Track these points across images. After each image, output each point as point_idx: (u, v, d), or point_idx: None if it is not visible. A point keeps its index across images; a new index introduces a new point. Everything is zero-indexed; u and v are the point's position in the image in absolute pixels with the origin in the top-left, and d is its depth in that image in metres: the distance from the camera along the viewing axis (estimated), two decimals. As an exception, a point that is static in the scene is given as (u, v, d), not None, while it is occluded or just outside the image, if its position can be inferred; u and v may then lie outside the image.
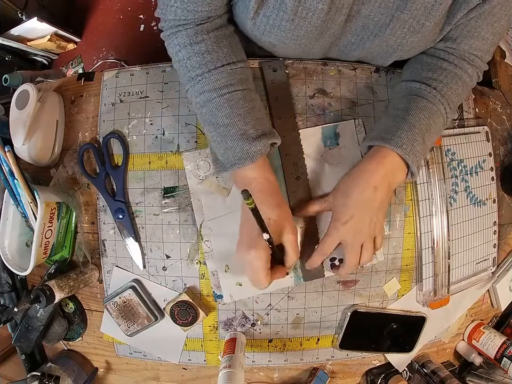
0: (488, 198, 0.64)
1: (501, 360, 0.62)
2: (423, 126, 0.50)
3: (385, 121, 0.53)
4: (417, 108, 0.50)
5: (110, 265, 0.61)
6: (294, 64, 0.60)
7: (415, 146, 0.49)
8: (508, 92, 0.69)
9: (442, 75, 0.52)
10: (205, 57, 0.48)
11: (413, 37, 0.49)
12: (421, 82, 0.52)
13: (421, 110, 0.50)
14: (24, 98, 0.57)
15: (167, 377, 0.64)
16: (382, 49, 0.53)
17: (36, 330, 0.60)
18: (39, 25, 1.39)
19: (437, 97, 0.51)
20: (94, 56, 1.62)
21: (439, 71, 0.52)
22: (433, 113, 0.51)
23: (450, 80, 0.52)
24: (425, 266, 0.60)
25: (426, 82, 0.52)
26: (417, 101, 0.51)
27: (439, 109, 0.51)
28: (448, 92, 0.52)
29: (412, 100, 0.52)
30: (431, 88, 0.51)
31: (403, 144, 0.48)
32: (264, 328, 0.61)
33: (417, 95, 0.52)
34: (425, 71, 0.53)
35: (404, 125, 0.49)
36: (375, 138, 0.51)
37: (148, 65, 0.61)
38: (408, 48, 0.51)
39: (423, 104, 0.51)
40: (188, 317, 0.58)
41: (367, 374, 0.65)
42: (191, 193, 0.58)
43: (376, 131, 0.53)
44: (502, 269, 0.67)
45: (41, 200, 0.53)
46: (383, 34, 0.49)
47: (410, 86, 0.54)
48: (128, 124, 0.60)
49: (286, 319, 0.60)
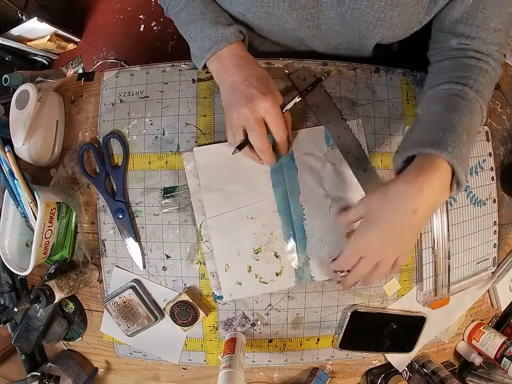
0: (488, 198, 0.64)
1: (501, 360, 0.62)
2: (465, 125, 0.44)
3: (420, 128, 0.48)
4: (454, 107, 0.46)
5: (110, 265, 0.61)
6: (294, 64, 0.60)
7: (461, 148, 0.42)
8: (508, 92, 0.69)
9: (469, 71, 0.49)
10: None
11: (392, 11, 0.49)
12: (450, 82, 0.48)
13: (460, 108, 0.46)
14: (24, 98, 0.57)
15: (167, 377, 0.64)
16: (362, 26, 0.53)
17: (36, 330, 0.60)
18: (39, 25, 1.40)
19: (471, 94, 0.47)
20: (94, 56, 1.62)
21: (464, 68, 0.49)
22: (471, 110, 0.47)
23: (477, 75, 0.49)
24: (425, 266, 0.60)
25: (455, 81, 0.48)
26: (452, 100, 0.47)
27: (475, 106, 0.48)
28: (480, 87, 0.48)
29: (446, 101, 0.47)
30: (463, 85, 0.47)
31: (448, 147, 0.41)
32: (264, 328, 0.61)
33: (451, 95, 0.48)
34: (450, 72, 0.50)
35: (446, 125, 0.44)
36: (411, 146, 0.45)
37: (147, 65, 0.61)
38: (389, 24, 0.51)
39: (459, 102, 0.46)
40: (188, 317, 0.58)
41: (367, 374, 0.65)
42: (191, 193, 0.58)
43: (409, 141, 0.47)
44: (502, 269, 0.67)
45: (41, 200, 0.53)
46: (359, 7, 0.50)
47: (439, 89, 0.49)
48: (128, 124, 0.60)
49: (286, 319, 0.60)
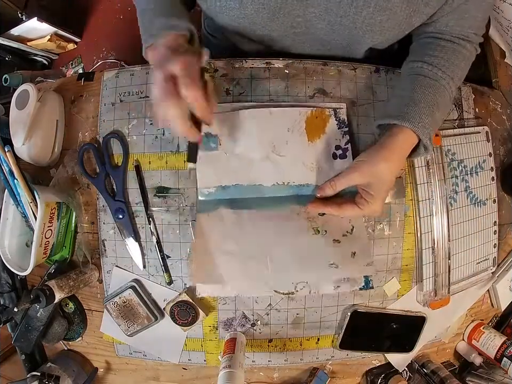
0: (488, 198, 0.64)
1: (501, 360, 0.62)
2: (429, 101, 0.51)
3: (392, 102, 0.55)
4: (421, 86, 0.52)
5: (110, 265, 0.61)
6: (294, 64, 0.60)
7: (423, 119, 0.50)
8: (508, 92, 0.69)
9: (442, 52, 0.54)
10: None
11: (381, 16, 0.49)
12: (422, 61, 0.54)
13: (425, 88, 0.52)
14: (24, 98, 0.57)
15: (167, 377, 0.64)
16: (352, 32, 0.53)
17: (35, 330, 0.60)
18: (39, 25, 1.39)
19: (438, 74, 0.53)
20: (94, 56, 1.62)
21: (438, 48, 0.54)
22: (437, 89, 0.52)
23: (450, 55, 0.54)
24: (425, 266, 0.60)
25: (427, 61, 0.53)
26: (420, 79, 0.53)
27: (442, 85, 0.53)
28: (451, 66, 0.53)
29: (415, 79, 0.53)
30: (432, 66, 0.53)
31: (410, 118, 0.50)
32: (264, 328, 0.61)
33: (419, 74, 0.53)
34: (424, 50, 0.55)
35: (410, 102, 0.51)
36: (384, 117, 0.53)
37: (148, 65, 0.61)
38: (379, 29, 0.51)
39: (426, 82, 0.52)
40: (188, 317, 0.58)
41: (367, 374, 0.65)
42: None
43: (384, 111, 0.55)
44: (502, 269, 0.67)
45: (41, 200, 0.53)
46: (348, 14, 0.50)
47: (412, 66, 0.55)
48: (128, 124, 0.60)
49: (286, 319, 0.60)
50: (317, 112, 0.58)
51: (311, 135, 0.58)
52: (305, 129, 0.58)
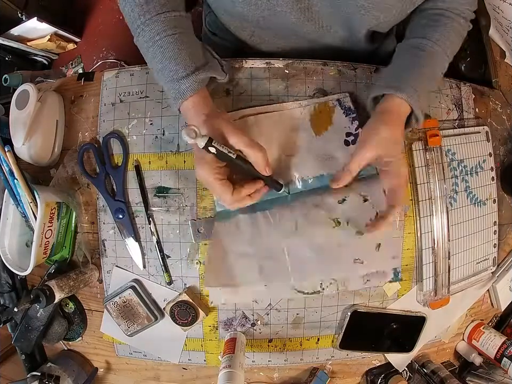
0: (488, 198, 0.64)
1: (501, 360, 0.62)
2: (423, 73, 0.53)
3: (387, 73, 0.56)
4: (416, 58, 0.54)
5: (110, 265, 0.61)
6: (294, 64, 0.60)
7: (417, 90, 0.51)
8: (508, 92, 0.69)
9: (438, 28, 0.55)
10: (143, 8, 0.50)
11: None
12: (418, 37, 0.55)
13: (421, 59, 0.53)
14: (24, 98, 0.57)
15: (167, 377, 0.64)
16: (353, 10, 0.52)
17: (35, 330, 0.60)
18: (39, 25, 1.39)
19: (434, 48, 0.53)
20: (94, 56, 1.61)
21: (434, 24, 0.55)
22: (433, 61, 0.54)
23: (446, 31, 0.54)
24: (425, 266, 0.60)
25: (423, 36, 0.54)
26: (415, 52, 0.54)
27: (438, 58, 0.54)
28: (446, 41, 0.54)
29: (411, 53, 0.55)
30: (428, 40, 0.54)
31: (405, 88, 0.50)
32: (264, 328, 0.61)
33: (416, 47, 0.54)
34: (420, 28, 0.56)
35: (404, 73, 0.52)
36: (374, 89, 0.54)
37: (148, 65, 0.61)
38: (381, 7, 0.51)
39: (422, 54, 0.53)
40: (188, 317, 0.58)
41: (367, 374, 0.65)
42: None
43: (379, 84, 0.55)
44: (502, 269, 0.67)
45: (41, 200, 0.53)
46: None
47: (409, 43, 0.56)
48: (128, 124, 0.60)
49: (286, 319, 0.60)
50: (320, 107, 0.58)
51: (317, 129, 0.58)
52: (311, 125, 0.58)
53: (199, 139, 0.44)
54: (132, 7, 0.50)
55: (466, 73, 0.74)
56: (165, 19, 0.49)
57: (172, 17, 0.50)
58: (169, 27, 0.49)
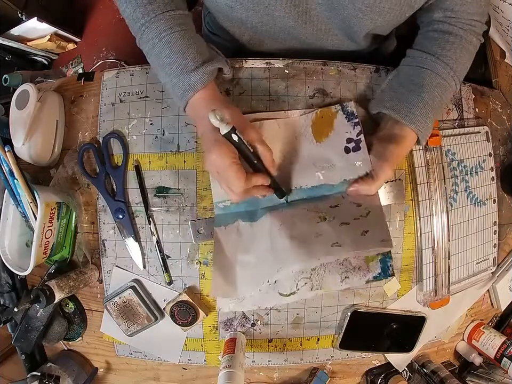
0: (488, 198, 0.64)
1: (501, 360, 0.62)
2: (436, 103, 0.54)
3: (399, 91, 0.56)
4: (431, 85, 0.54)
5: (110, 265, 0.61)
6: (294, 64, 0.60)
7: (427, 123, 0.54)
8: (508, 92, 0.69)
9: (451, 50, 0.54)
10: (147, 7, 0.50)
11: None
12: (432, 54, 0.55)
13: (435, 88, 0.54)
14: (24, 98, 0.57)
15: (167, 377, 0.64)
16: (351, 13, 0.52)
17: (35, 330, 0.60)
18: (39, 25, 1.39)
19: (450, 74, 0.54)
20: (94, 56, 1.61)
21: (448, 45, 0.55)
22: (446, 89, 0.55)
23: (459, 54, 0.55)
24: (425, 266, 0.60)
25: (436, 55, 0.54)
26: (432, 77, 0.54)
27: (451, 85, 0.55)
28: (459, 67, 0.55)
29: (426, 76, 0.54)
30: (445, 64, 0.54)
31: (417, 121, 0.53)
32: (264, 328, 0.61)
33: (432, 71, 0.54)
34: (435, 46, 0.55)
35: (419, 102, 0.53)
36: (390, 108, 0.54)
37: (148, 65, 0.61)
38: (378, 9, 0.50)
39: (438, 81, 0.54)
40: (188, 317, 0.58)
41: (367, 374, 0.65)
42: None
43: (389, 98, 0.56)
44: (502, 269, 0.67)
45: (41, 200, 0.53)
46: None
47: (424, 58, 0.55)
48: (128, 124, 0.60)
49: (286, 319, 0.60)
50: (323, 112, 0.58)
51: (318, 135, 0.58)
52: (312, 132, 0.58)
53: (223, 125, 0.44)
54: (134, 7, 0.50)
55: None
56: (169, 17, 0.50)
57: (177, 15, 0.51)
58: (176, 24, 0.50)
